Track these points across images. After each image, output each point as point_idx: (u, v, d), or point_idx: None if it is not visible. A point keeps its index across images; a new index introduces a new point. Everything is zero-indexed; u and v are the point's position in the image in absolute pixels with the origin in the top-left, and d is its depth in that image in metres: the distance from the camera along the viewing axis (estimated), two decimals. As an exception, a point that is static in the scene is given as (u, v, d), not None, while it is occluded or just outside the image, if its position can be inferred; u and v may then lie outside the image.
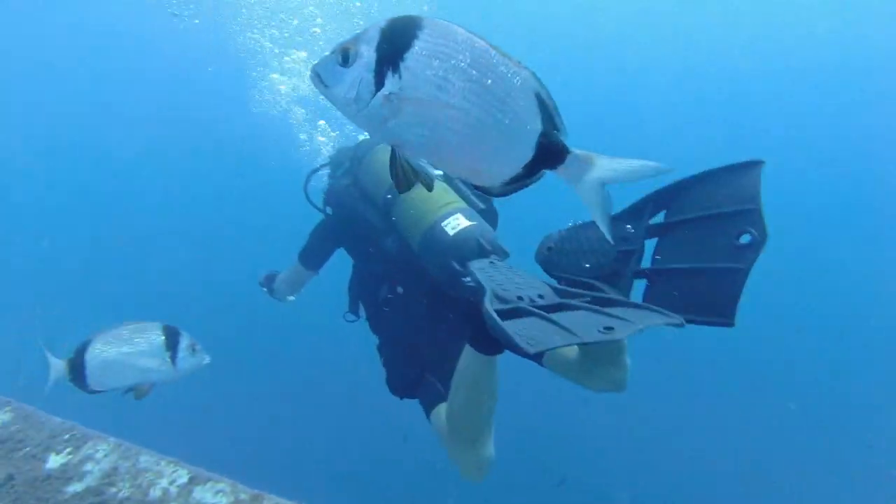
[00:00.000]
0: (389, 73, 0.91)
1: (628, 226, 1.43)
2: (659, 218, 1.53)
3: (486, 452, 2.01)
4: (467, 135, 0.91)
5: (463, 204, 2.30)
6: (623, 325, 1.13)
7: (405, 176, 0.98)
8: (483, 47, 0.89)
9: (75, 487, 1.97)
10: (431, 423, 2.27)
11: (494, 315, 1.23)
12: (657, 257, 1.45)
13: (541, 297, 1.40)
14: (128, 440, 2.20)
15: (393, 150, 1.00)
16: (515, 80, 0.90)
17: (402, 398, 2.46)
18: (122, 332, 1.65)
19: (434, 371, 2.40)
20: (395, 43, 0.89)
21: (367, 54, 0.91)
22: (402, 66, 0.89)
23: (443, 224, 2.17)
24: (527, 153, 0.93)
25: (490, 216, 2.49)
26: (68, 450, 2.19)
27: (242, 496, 1.73)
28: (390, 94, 0.91)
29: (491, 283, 1.48)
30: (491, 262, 1.78)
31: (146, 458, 2.02)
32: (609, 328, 1.12)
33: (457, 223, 2.17)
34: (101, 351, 1.57)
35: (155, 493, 1.84)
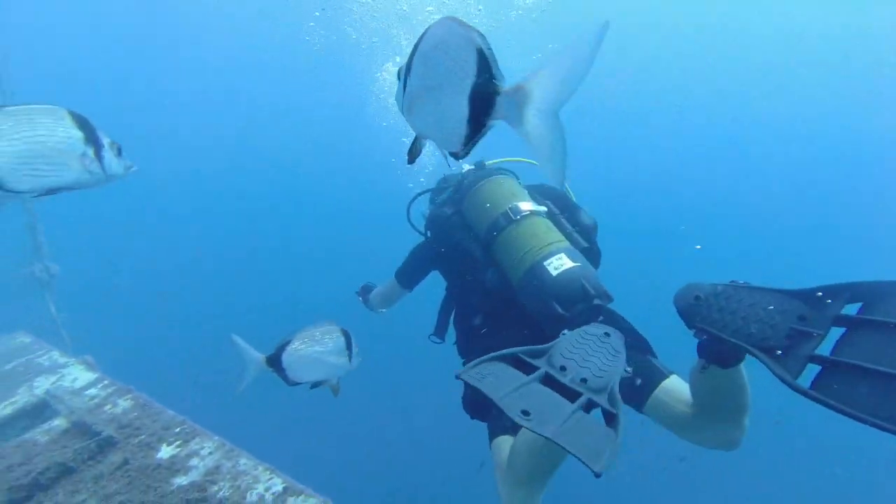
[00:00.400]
0: (405, 82, 1.10)
1: (809, 304, 1.29)
2: (850, 309, 1.35)
3: (533, 499, 1.89)
4: (423, 108, 1.06)
5: (567, 243, 2.22)
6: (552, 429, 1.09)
7: (414, 150, 1.18)
8: (443, 31, 0.98)
9: (181, 480, 2.06)
10: (492, 451, 2.18)
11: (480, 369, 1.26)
12: (841, 349, 1.28)
13: (584, 381, 1.32)
14: (229, 440, 2.28)
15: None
16: (458, 42, 0.95)
17: (472, 418, 2.40)
18: (314, 332, 1.79)
19: None
20: (409, 56, 1.06)
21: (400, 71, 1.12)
22: (409, 75, 1.07)
23: (545, 263, 2.09)
24: (465, 106, 0.97)
25: (592, 255, 2.39)
26: (178, 442, 2.31)
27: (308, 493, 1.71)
28: (405, 99, 1.10)
29: (558, 346, 1.43)
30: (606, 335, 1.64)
31: (245, 462, 2.08)
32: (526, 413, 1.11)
33: (560, 263, 2.09)
34: (298, 349, 1.73)
35: (251, 497, 1.87)
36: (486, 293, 2.47)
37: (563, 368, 1.33)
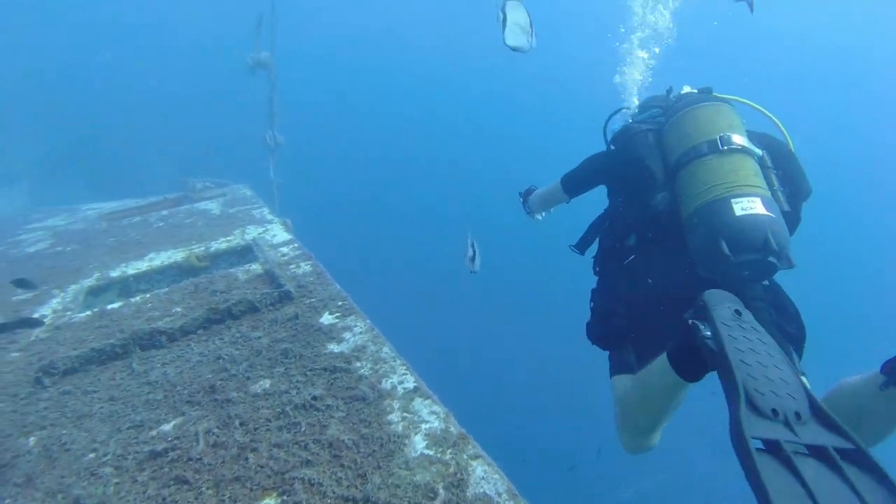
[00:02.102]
0: None
1: None
2: None
3: (647, 442, 1.77)
4: None
5: (768, 193, 1.85)
6: None
7: None
8: None
9: (334, 347, 2.20)
10: (612, 385, 2.02)
11: (750, 445, 0.86)
12: None
13: (798, 416, 0.95)
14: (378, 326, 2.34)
15: None
16: None
17: (594, 344, 2.23)
18: None
19: (636, 341, 2.11)
20: None
21: None
22: None
23: (733, 200, 1.78)
24: None
25: (792, 221, 2.00)
26: (338, 314, 2.47)
27: (452, 429, 1.66)
28: None
29: (742, 367, 1.08)
30: (737, 314, 1.29)
31: (387, 351, 2.12)
32: None
33: (751, 206, 1.75)
34: None
35: (385, 385, 1.91)
36: (649, 217, 2.23)
37: (774, 413, 1.01)
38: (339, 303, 2.58)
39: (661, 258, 2.20)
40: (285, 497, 1.46)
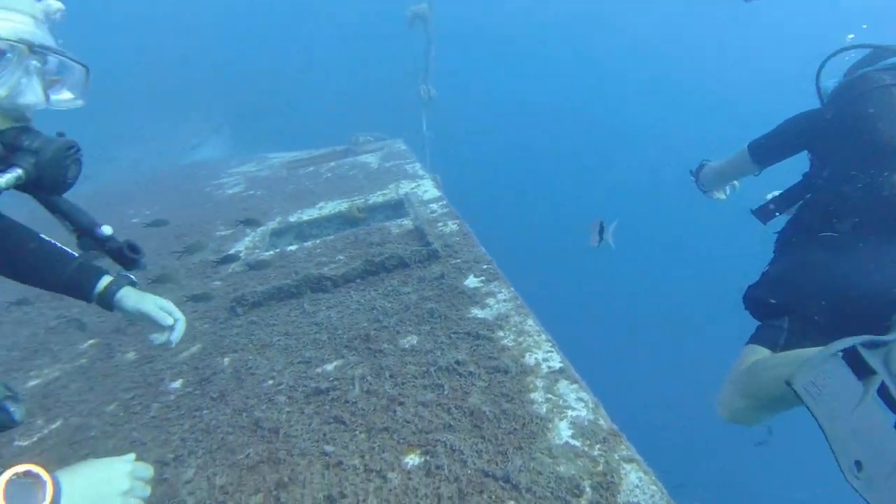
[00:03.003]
0: None
1: None
2: None
3: (752, 417, 1.62)
4: None
5: None
6: None
7: None
8: None
9: (477, 312, 2.15)
10: (744, 350, 1.74)
11: None
12: None
13: None
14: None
15: None
16: None
17: (746, 309, 1.91)
18: None
19: (796, 321, 1.74)
20: None
21: None
22: None
23: None
24: None
25: None
26: (483, 278, 2.42)
27: (602, 423, 1.52)
28: None
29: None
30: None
31: (532, 324, 2.01)
32: None
33: None
34: None
35: (528, 360, 1.82)
36: (862, 195, 1.77)
37: None
38: (484, 266, 2.52)
39: (867, 250, 1.76)
40: (428, 458, 1.47)
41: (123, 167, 9.66)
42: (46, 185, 1.03)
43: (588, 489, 1.32)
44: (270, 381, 1.94)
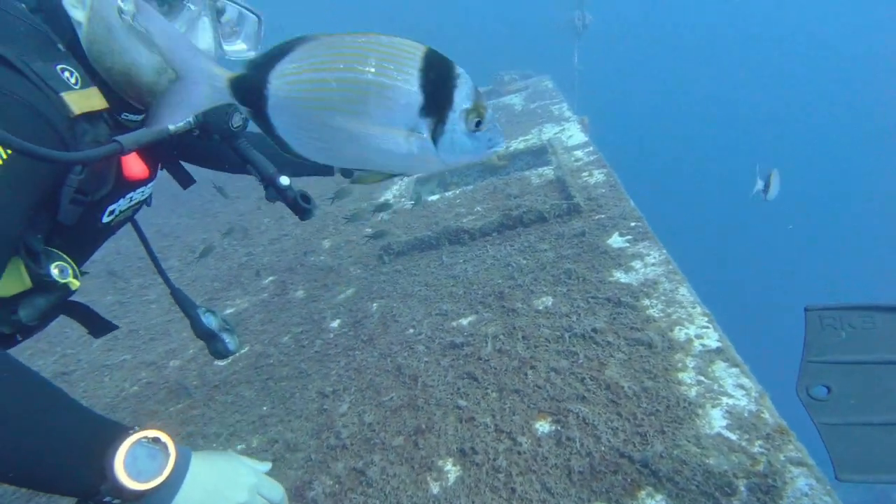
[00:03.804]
0: None
1: None
2: None
3: None
4: None
5: None
6: None
7: None
8: None
9: (620, 276, 1.98)
10: None
11: None
12: None
13: None
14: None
15: None
16: None
17: None
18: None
19: None
20: None
21: None
22: None
23: None
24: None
25: None
26: (629, 237, 2.20)
27: (767, 416, 1.30)
28: None
29: None
30: None
31: (685, 293, 1.79)
32: None
33: None
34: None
35: (678, 334, 1.63)
36: None
37: None
38: (633, 223, 2.28)
39: None
40: (559, 427, 1.43)
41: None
42: (215, 130, 1.09)
43: (743, 490, 1.17)
44: (411, 330, 2.06)
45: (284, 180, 1.27)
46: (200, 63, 0.77)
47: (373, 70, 0.73)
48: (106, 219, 1.14)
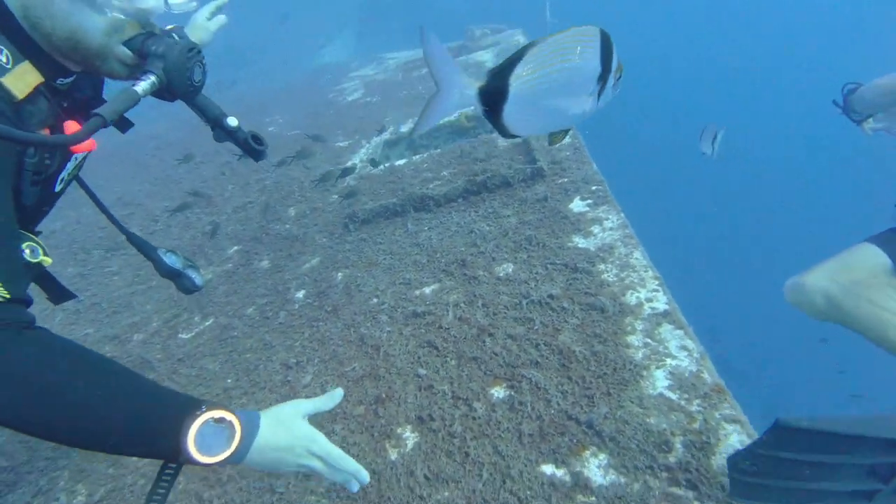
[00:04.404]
0: None
1: None
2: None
3: (821, 317, 1.52)
4: None
5: None
6: None
7: None
8: None
9: (578, 241, 2.00)
10: (858, 247, 1.56)
11: None
12: None
13: None
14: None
15: None
16: None
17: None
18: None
19: None
20: None
21: None
22: None
23: None
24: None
25: None
26: (590, 201, 2.21)
27: (706, 376, 1.37)
28: None
29: None
30: None
31: (638, 257, 1.82)
32: None
33: None
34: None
35: (629, 298, 1.67)
36: None
37: None
38: (594, 187, 2.28)
39: None
40: (512, 392, 1.48)
41: (257, 73, 10.19)
42: (177, 89, 1.06)
43: (679, 446, 1.24)
44: (375, 300, 2.06)
45: (232, 121, 1.26)
46: (458, 78, 0.93)
47: (577, 58, 0.96)
48: (58, 188, 1.12)
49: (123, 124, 1.33)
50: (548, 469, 1.26)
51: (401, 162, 3.30)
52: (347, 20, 14.14)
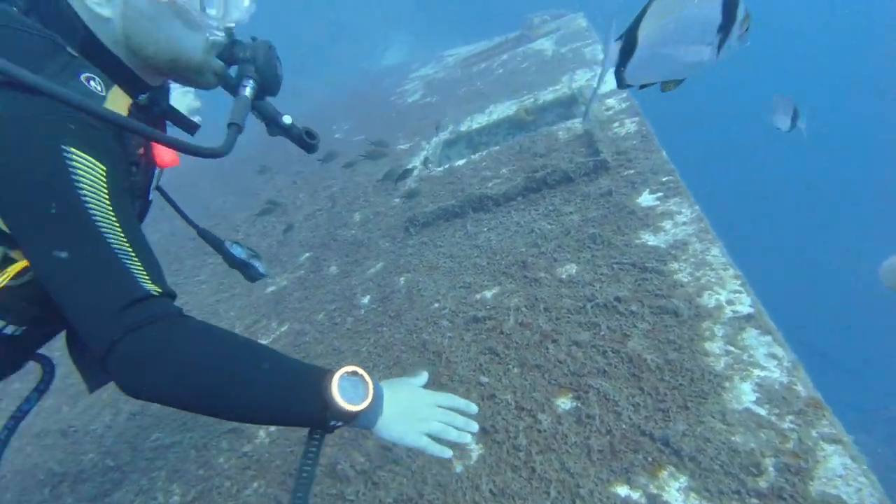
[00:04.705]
0: None
1: None
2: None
3: None
4: None
5: None
6: None
7: None
8: None
9: (647, 238, 1.86)
10: None
11: None
12: None
13: None
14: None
15: None
16: None
17: None
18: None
19: None
20: None
21: None
22: None
23: None
24: None
25: None
26: (660, 194, 2.05)
27: (800, 389, 1.21)
28: None
29: None
30: None
31: (716, 254, 1.66)
32: None
33: None
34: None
35: (708, 300, 1.52)
36: None
37: None
38: (664, 178, 2.11)
39: None
40: (579, 403, 1.40)
41: (319, 81, 10.50)
42: (269, 87, 1.14)
43: (770, 469, 1.10)
44: (436, 305, 2.05)
45: (287, 119, 1.31)
46: (612, 45, 1.12)
47: (695, 6, 1.01)
48: (150, 197, 1.22)
49: (193, 127, 1.41)
50: (621, 490, 1.18)
51: (460, 162, 3.26)
52: (404, 21, 14.28)
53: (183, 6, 0.98)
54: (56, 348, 1.25)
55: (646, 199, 2.06)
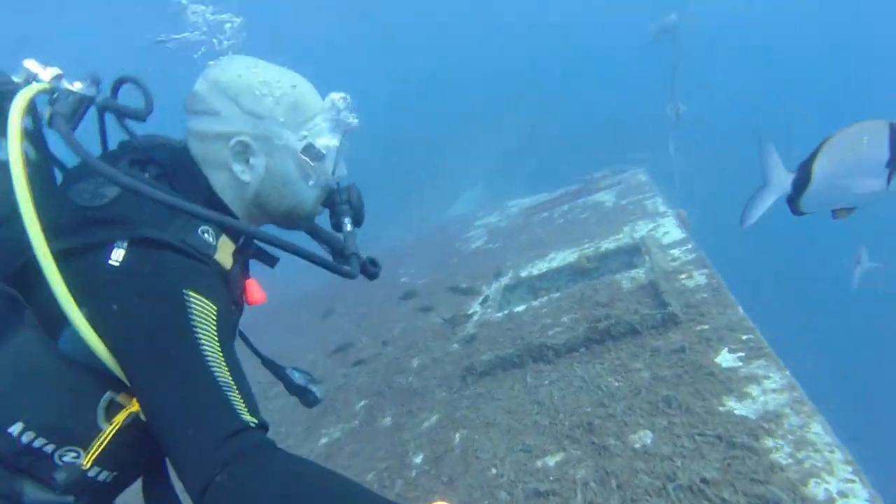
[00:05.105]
0: None
1: None
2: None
3: None
4: None
5: None
6: None
7: None
8: None
9: (732, 405, 1.66)
10: None
11: None
12: None
13: None
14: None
15: None
16: None
17: None
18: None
19: None
20: None
21: None
22: None
23: None
24: None
25: None
26: (741, 354, 1.87)
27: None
28: None
29: None
30: None
31: (818, 432, 1.43)
32: None
33: None
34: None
35: (816, 490, 1.27)
36: None
37: None
38: (744, 336, 1.95)
39: None
40: None
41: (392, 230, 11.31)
42: (359, 221, 1.25)
43: None
44: (493, 471, 1.88)
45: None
46: (781, 171, 1.34)
47: (865, 146, 1.23)
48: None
49: (274, 261, 1.53)
50: None
51: (520, 308, 3.25)
52: (480, 173, 15.49)
53: (323, 170, 1.13)
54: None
55: (725, 358, 1.89)
